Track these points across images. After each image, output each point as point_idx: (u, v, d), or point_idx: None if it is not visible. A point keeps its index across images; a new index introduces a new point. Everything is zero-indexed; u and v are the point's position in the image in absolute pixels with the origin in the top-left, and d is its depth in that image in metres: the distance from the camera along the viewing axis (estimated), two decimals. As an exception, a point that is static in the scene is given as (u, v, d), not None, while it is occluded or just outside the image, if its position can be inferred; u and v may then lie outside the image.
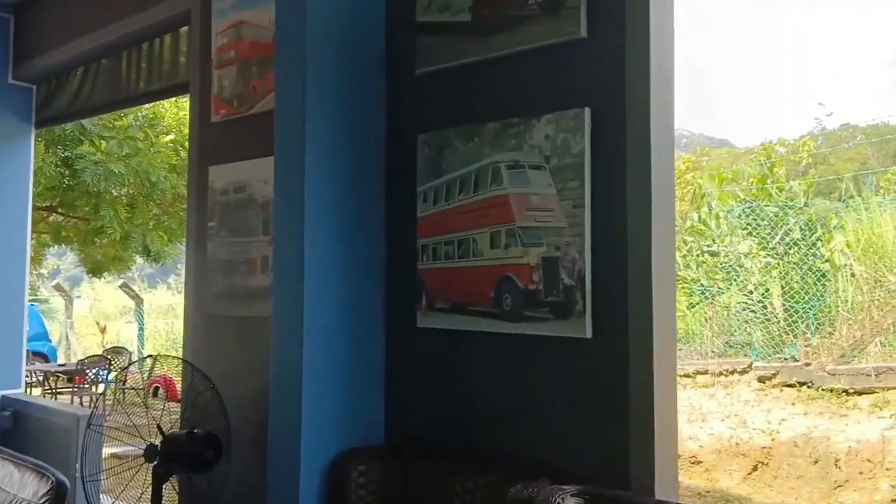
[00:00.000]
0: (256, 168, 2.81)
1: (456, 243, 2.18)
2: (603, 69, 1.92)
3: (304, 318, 2.18)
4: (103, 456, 3.10)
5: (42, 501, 1.78)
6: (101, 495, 3.05)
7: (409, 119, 2.33)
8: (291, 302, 2.21)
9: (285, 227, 2.26)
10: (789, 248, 7.18)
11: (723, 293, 7.50)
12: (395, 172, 2.37)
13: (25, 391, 4.89)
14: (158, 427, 2.48)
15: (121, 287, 13.35)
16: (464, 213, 2.16)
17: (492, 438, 2.10)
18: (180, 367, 2.93)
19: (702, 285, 7.68)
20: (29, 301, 4.58)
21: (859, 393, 5.83)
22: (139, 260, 10.01)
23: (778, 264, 7.23)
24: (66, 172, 7.73)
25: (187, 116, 3.36)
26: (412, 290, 2.29)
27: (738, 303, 7.33)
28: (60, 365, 10.04)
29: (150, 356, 8.30)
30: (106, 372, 8.55)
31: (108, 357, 8.98)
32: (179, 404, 2.77)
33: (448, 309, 2.20)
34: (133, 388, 7.59)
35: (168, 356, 6.73)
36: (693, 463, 6.05)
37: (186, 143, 4.55)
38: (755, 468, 5.78)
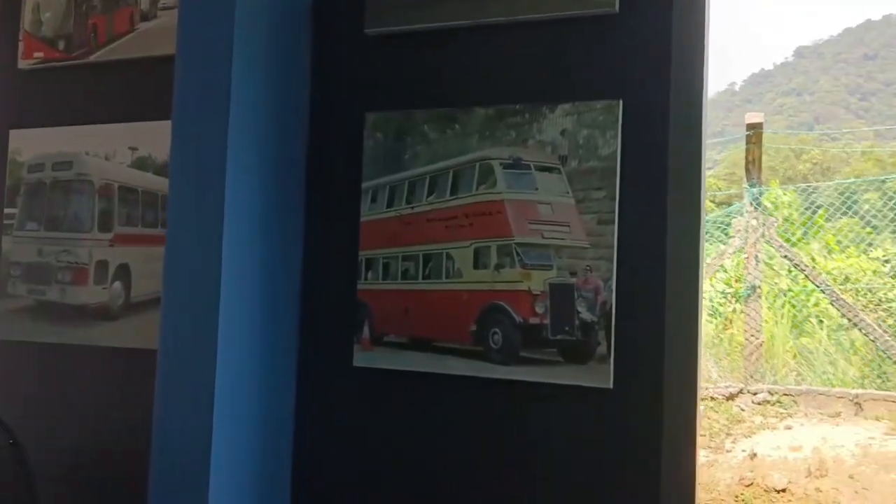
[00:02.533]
0: (94, 137, 2.03)
1: (420, 259, 1.66)
2: (640, 52, 1.55)
3: (218, 354, 1.51)
4: None
5: None
6: None
7: (352, 93, 1.77)
8: (199, 331, 1.53)
9: (192, 224, 1.57)
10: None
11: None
12: (326, 162, 1.78)
13: None
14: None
15: None
16: (434, 221, 1.66)
17: (460, 516, 1.60)
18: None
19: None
20: None
21: None
22: None
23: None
24: None
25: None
26: (348, 318, 1.71)
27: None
28: None
29: None
30: None
31: None
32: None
33: (404, 344, 1.66)
34: None
35: None
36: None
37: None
38: None
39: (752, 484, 4.08)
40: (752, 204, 5.93)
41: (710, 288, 6.59)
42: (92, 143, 2.03)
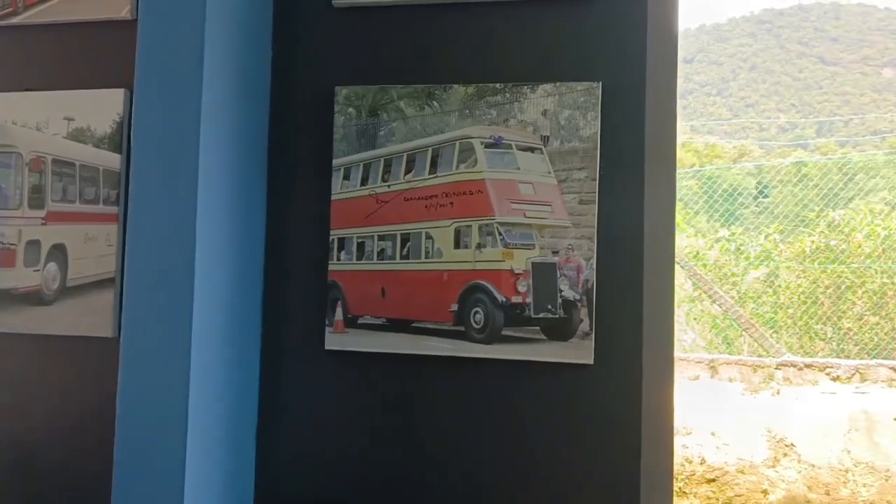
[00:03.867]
0: (22, 106, 1.84)
1: (398, 238, 1.64)
2: (618, 35, 1.60)
3: (192, 341, 1.42)
4: None
5: None
6: None
7: (320, 66, 1.70)
8: (168, 315, 1.43)
9: (161, 202, 1.46)
10: None
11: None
12: (292, 138, 1.71)
13: None
14: None
15: None
16: (413, 200, 1.63)
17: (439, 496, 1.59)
18: None
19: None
20: None
21: None
22: None
23: None
24: None
25: None
26: (318, 300, 1.66)
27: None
28: None
29: None
30: None
31: None
32: None
33: (380, 326, 1.63)
34: None
35: None
36: None
37: None
38: None
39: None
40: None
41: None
42: (20, 112, 1.84)
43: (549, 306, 1.56)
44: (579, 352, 1.54)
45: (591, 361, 1.54)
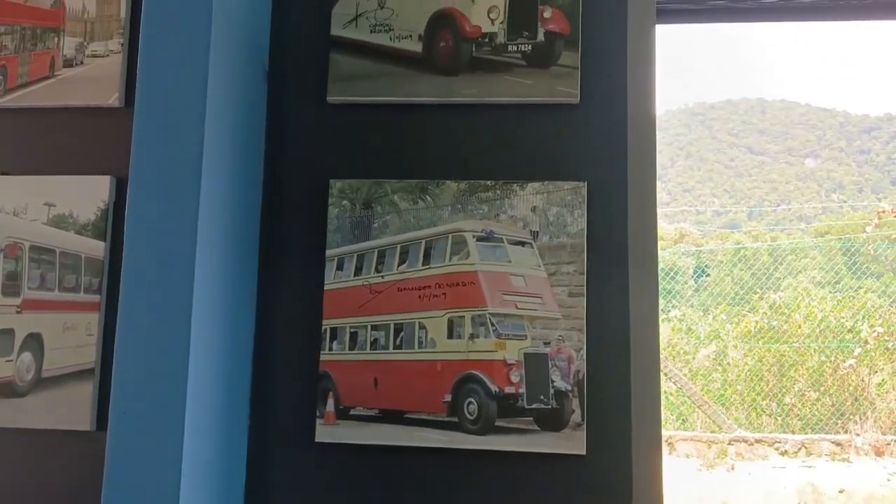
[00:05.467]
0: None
1: (391, 328, 1.65)
2: (600, 139, 1.69)
3: (184, 434, 1.38)
4: None
5: None
6: None
7: (315, 160, 1.74)
8: (158, 408, 1.39)
9: (154, 292, 1.45)
10: None
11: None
12: (285, 229, 1.73)
13: None
14: None
15: None
16: (406, 291, 1.66)
17: None
18: None
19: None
20: None
21: None
22: None
23: None
24: None
25: None
26: (309, 391, 1.65)
27: None
28: None
29: None
30: None
31: None
32: None
33: (373, 417, 1.63)
34: None
35: None
36: None
37: None
38: None
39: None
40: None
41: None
42: (-11, 195, 1.81)
43: (542, 397, 1.59)
44: (572, 442, 1.57)
45: (584, 452, 1.57)
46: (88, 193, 1.79)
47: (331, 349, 1.65)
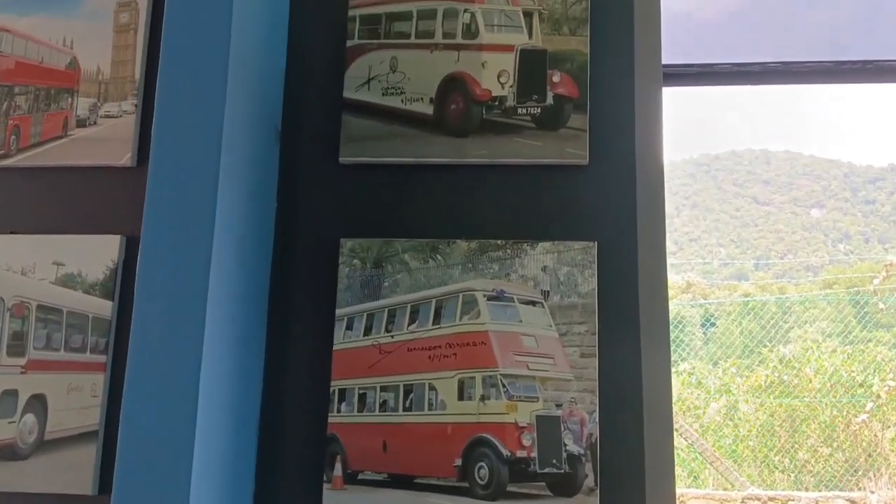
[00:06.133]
0: (7, 248, 1.81)
1: (401, 389, 1.63)
2: (610, 199, 1.69)
3: (190, 500, 1.35)
4: None
5: None
6: None
7: (325, 219, 1.74)
8: (164, 472, 1.36)
9: (162, 355, 1.43)
10: None
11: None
12: (294, 288, 1.72)
13: None
14: None
15: None
16: (416, 351, 1.64)
17: None
18: None
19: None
20: None
21: None
22: None
23: None
24: None
25: None
26: (316, 454, 1.61)
27: None
28: None
29: None
30: None
31: None
32: None
33: (381, 482, 1.59)
34: None
35: None
36: None
37: None
38: None
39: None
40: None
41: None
42: (4, 256, 1.81)
43: (555, 461, 1.55)
44: (586, 509, 1.52)
45: (598, 518, 1.52)
46: (97, 252, 1.79)
47: (339, 411, 1.63)
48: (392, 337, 1.65)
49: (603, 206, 1.69)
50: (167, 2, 1.56)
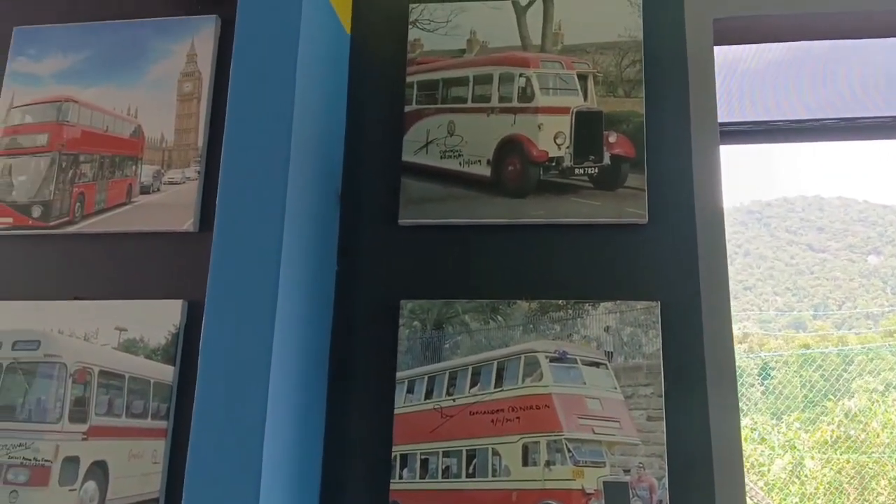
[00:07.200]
0: (70, 314, 1.84)
1: (463, 455, 1.59)
2: (671, 258, 1.66)
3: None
4: None
5: None
6: None
7: (385, 280, 1.74)
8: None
9: (225, 422, 1.43)
10: None
11: None
12: (354, 351, 1.71)
13: None
14: None
15: None
16: (478, 414, 1.61)
17: None
18: None
19: None
20: None
21: None
22: None
23: None
24: None
25: None
26: (377, 522, 1.58)
27: None
28: None
29: None
30: None
31: None
32: None
33: (445, 552, 1.54)
34: None
35: None
36: None
37: None
38: None
39: None
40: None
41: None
42: (68, 322, 1.84)
43: (625, 531, 1.49)
44: (660, 582, 1.45)
45: (673, 593, 1.45)
46: (159, 317, 1.81)
47: (401, 477, 1.59)
48: (454, 400, 1.62)
49: (664, 265, 1.66)
50: (233, 72, 1.61)
